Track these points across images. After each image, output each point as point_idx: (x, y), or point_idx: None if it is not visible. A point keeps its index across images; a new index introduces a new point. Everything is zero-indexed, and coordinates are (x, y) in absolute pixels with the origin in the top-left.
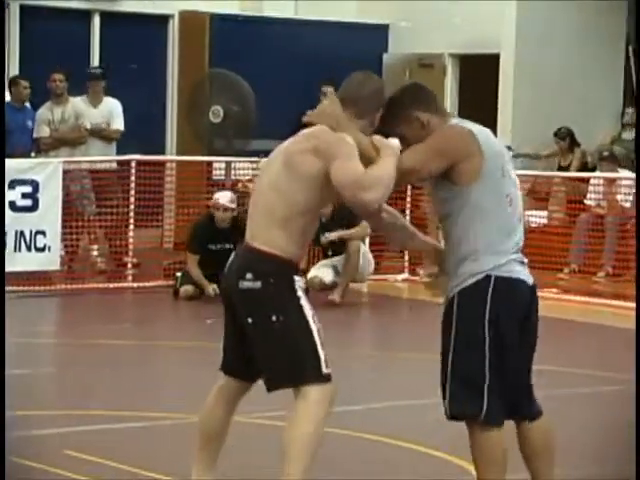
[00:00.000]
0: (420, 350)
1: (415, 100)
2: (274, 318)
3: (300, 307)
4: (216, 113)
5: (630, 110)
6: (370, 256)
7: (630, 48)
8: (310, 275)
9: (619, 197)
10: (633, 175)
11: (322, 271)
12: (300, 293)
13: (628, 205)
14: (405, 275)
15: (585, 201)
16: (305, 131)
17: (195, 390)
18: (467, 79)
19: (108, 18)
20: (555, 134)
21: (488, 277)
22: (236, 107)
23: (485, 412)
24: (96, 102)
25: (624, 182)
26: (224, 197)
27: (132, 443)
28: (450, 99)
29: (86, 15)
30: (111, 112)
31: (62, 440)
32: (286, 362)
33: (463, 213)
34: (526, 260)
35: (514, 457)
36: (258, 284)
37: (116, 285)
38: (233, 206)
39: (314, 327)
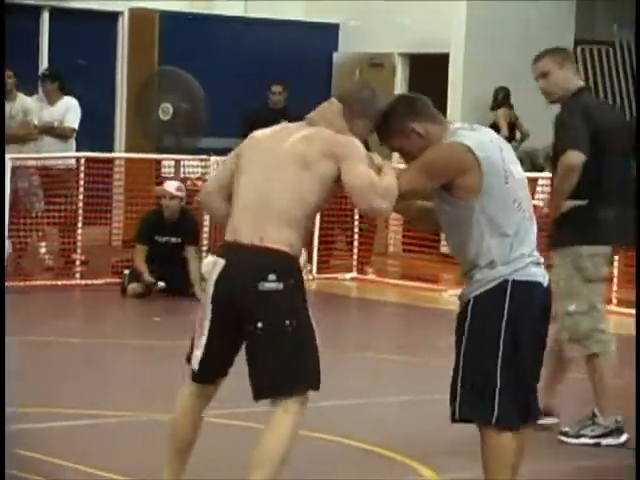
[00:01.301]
0: (368, 349)
1: (409, 111)
2: (287, 322)
3: (308, 311)
4: (165, 110)
5: None
6: None
7: (579, 48)
8: None
9: None
10: None
11: None
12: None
13: None
14: (353, 274)
15: (533, 201)
16: (309, 131)
17: (143, 387)
18: (417, 78)
19: (58, 14)
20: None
21: (506, 281)
22: (185, 105)
23: (497, 416)
24: (52, 101)
25: None
26: (171, 185)
27: (82, 441)
28: None
29: (36, 11)
30: (66, 110)
31: (9, 438)
32: (291, 370)
33: (471, 227)
34: (542, 260)
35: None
36: (281, 285)
37: (64, 282)
38: (180, 194)
39: (316, 332)
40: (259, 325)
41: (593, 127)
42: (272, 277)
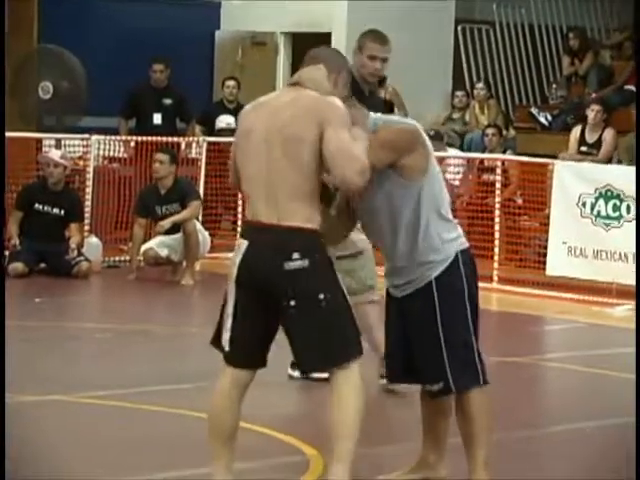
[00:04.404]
0: None
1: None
2: (321, 296)
3: (339, 282)
4: (45, 89)
5: (460, 93)
6: (206, 234)
7: (459, 28)
8: (145, 247)
9: (448, 176)
10: (461, 154)
11: (157, 244)
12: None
13: (457, 183)
14: None
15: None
16: (293, 98)
17: (20, 369)
18: (299, 57)
19: None
20: None
21: (457, 255)
22: (66, 83)
23: (482, 377)
24: None
25: (453, 161)
26: (54, 153)
27: None
28: (282, 77)
29: None
30: None
31: None
32: (333, 342)
33: (421, 206)
34: None
35: None
36: (306, 262)
37: None
38: (64, 162)
39: (350, 301)
40: (292, 303)
41: None
42: (296, 256)
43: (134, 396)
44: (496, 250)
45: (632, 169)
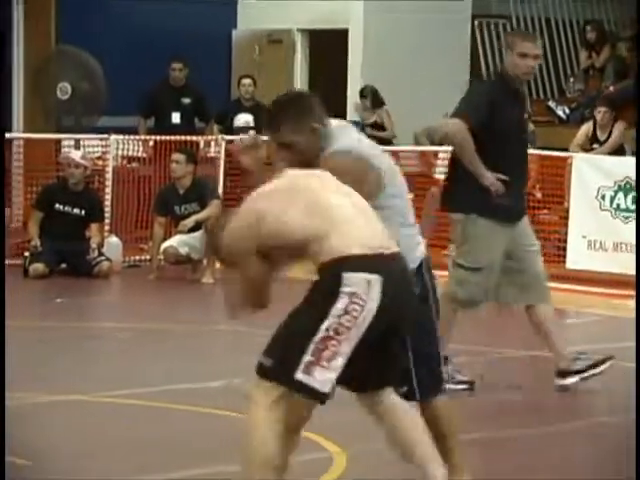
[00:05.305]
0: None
1: (313, 111)
2: None
3: None
4: (64, 90)
5: None
6: None
7: (476, 22)
8: (165, 245)
9: None
10: None
11: (177, 242)
12: None
13: None
14: None
15: (435, 175)
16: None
17: (40, 370)
18: (317, 54)
19: None
20: (361, 93)
21: (421, 262)
22: (84, 84)
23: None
24: None
25: None
26: (75, 153)
27: None
28: (300, 74)
29: None
30: None
31: None
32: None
33: (391, 211)
34: None
35: None
36: None
37: None
38: (85, 163)
39: None
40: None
41: None
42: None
43: (154, 395)
44: None
45: None
